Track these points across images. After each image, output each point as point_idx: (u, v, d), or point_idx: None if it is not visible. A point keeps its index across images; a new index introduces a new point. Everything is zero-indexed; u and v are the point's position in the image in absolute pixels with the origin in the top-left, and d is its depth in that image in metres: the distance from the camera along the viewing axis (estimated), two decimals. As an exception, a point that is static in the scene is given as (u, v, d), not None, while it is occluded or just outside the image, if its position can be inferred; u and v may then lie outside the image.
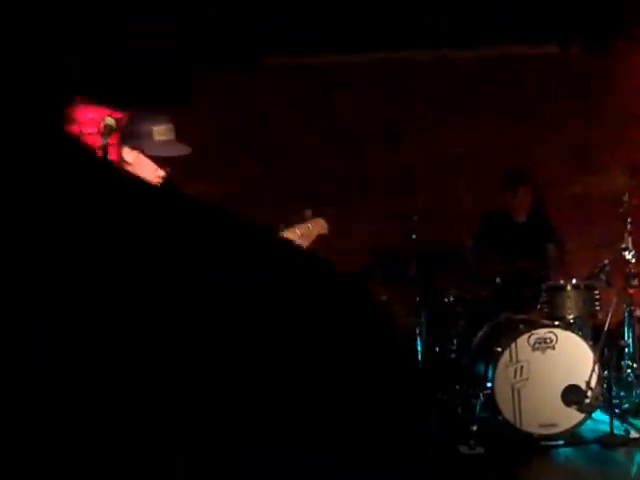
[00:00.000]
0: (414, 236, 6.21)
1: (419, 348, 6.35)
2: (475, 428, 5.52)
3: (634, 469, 5.14)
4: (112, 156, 3.68)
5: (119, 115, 3.70)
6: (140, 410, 1.56)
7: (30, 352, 1.52)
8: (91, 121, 7.11)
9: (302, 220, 3.87)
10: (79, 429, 1.53)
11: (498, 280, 6.35)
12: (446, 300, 6.43)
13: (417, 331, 6.33)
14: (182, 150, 3.68)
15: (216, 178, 6.73)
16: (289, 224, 3.82)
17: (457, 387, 6.17)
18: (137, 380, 1.55)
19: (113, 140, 3.67)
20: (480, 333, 6.17)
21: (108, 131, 3.65)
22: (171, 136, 3.67)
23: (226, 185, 6.75)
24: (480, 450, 5.43)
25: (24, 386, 1.52)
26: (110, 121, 3.67)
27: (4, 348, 1.50)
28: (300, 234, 3.83)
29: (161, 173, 3.71)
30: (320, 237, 3.87)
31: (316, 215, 3.95)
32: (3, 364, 1.51)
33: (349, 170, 7.25)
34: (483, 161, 7.28)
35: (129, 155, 3.66)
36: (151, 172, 3.65)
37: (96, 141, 3.68)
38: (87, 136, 7.08)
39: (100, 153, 3.62)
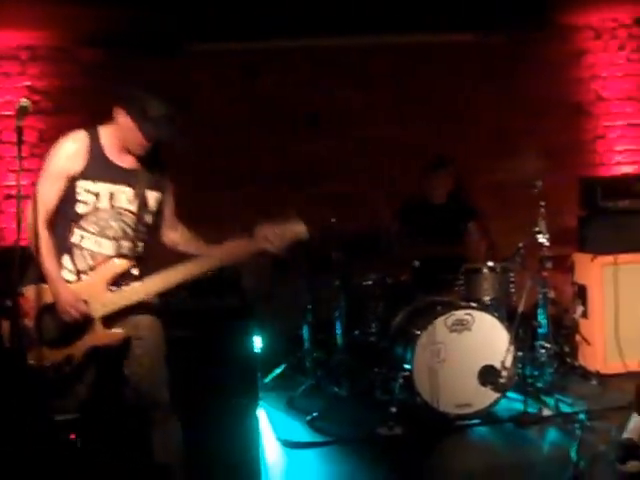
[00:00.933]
0: (333, 220, 6.26)
1: (338, 331, 6.41)
2: (394, 410, 5.59)
3: (546, 446, 5.26)
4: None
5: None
6: None
7: None
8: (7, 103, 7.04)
9: (284, 220, 3.86)
10: None
11: (417, 263, 6.44)
12: (365, 283, 6.49)
13: (336, 315, 6.40)
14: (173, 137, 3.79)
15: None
16: (269, 220, 3.81)
17: (376, 370, 6.24)
18: None
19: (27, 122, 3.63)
20: (399, 316, 6.24)
21: (22, 113, 3.60)
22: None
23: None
24: (398, 431, 5.50)
25: None
26: (25, 103, 3.62)
27: None
28: (276, 233, 3.82)
29: (144, 144, 3.81)
30: (296, 240, 3.87)
31: (298, 217, 3.93)
32: None
33: (270, 154, 7.25)
34: (404, 146, 7.34)
35: (121, 116, 3.78)
36: (135, 140, 3.79)
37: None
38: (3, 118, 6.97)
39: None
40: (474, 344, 5.78)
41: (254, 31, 6.88)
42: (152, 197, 3.96)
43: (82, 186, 3.79)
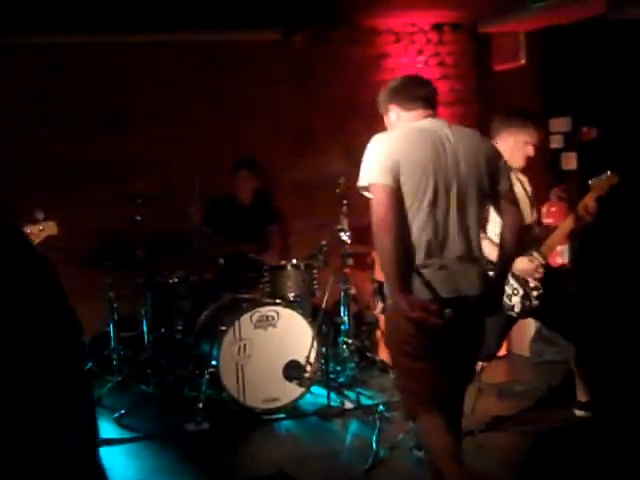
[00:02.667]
0: (139, 218, 6.23)
1: (145, 329, 6.38)
2: (201, 405, 5.64)
3: (349, 437, 5.44)
4: None
5: None
6: None
7: None
8: None
9: (34, 221, 3.81)
10: None
11: (221, 261, 6.51)
12: (171, 281, 6.50)
13: (142, 312, 6.37)
14: None
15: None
16: (20, 223, 3.73)
17: (183, 367, 6.27)
18: None
19: None
20: (204, 313, 6.30)
21: None
22: None
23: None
24: (206, 426, 5.56)
25: None
26: None
27: None
28: (30, 232, 3.77)
29: None
30: (49, 238, 3.84)
31: (47, 215, 3.91)
32: None
33: (76, 154, 7.08)
34: (210, 145, 7.35)
35: None
36: None
37: None
38: None
39: None
40: (279, 340, 5.91)
41: (56, 26, 6.66)
42: None
43: None
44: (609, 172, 4.93)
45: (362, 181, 3.76)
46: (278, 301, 6.05)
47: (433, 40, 8.12)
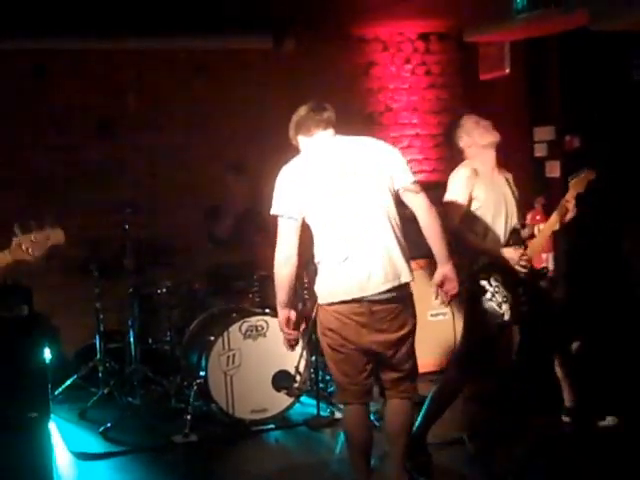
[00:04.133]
0: (127, 227, 6.19)
1: (131, 340, 6.33)
2: (189, 417, 5.61)
3: (338, 447, 5.40)
4: None
5: None
6: None
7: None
8: None
9: (41, 227, 3.73)
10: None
11: (212, 271, 6.47)
12: (159, 291, 6.45)
13: (129, 323, 6.32)
14: None
15: None
16: (26, 228, 3.68)
17: (171, 378, 6.22)
18: None
19: None
20: (193, 324, 6.25)
21: None
22: None
23: None
24: (194, 438, 5.53)
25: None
26: None
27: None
28: (34, 240, 3.70)
29: None
30: (54, 247, 3.76)
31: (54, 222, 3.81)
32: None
33: (62, 161, 7.04)
34: (200, 153, 7.31)
35: None
36: None
37: None
38: None
39: None
40: (268, 350, 5.86)
41: (42, 30, 6.61)
42: None
43: None
44: (586, 169, 5.13)
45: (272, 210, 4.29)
46: (267, 311, 6.02)
47: (420, 49, 8.17)
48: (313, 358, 6.01)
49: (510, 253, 4.87)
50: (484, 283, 4.84)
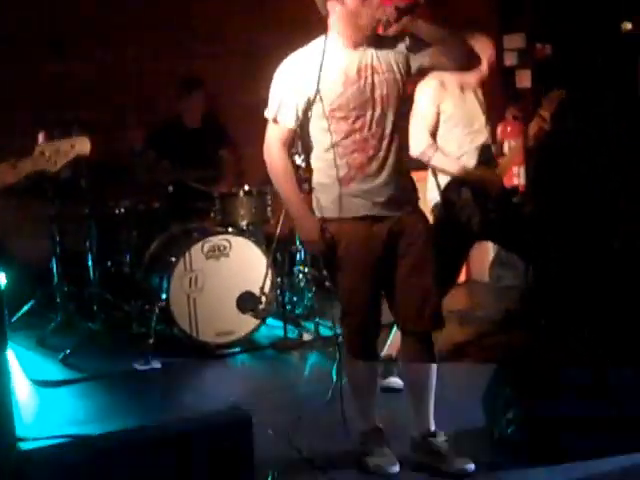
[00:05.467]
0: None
1: (90, 263, 6.10)
2: (151, 342, 5.45)
3: (308, 369, 5.30)
4: None
5: None
6: None
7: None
8: None
9: (68, 135, 3.45)
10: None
11: (170, 189, 6.23)
12: (117, 212, 6.19)
13: (87, 246, 6.08)
14: None
15: None
16: (50, 136, 3.41)
17: (132, 302, 6.03)
18: None
19: None
20: (153, 245, 6.03)
21: None
22: None
23: None
24: (157, 364, 5.37)
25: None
26: None
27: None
28: (58, 149, 3.41)
29: None
30: (79, 157, 3.46)
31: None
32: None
33: (12, 78, 6.69)
34: (150, 69, 7.01)
35: None
36: None
37: None
38: None
39: None
40: (232, 270, 5.70)
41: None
42: None
43: None
44: (558, 89, 5.13)
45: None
46: (230, 230, 5.82)
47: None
48: (279, 279, 5.84)
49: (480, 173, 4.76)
50: (454, 197, 4.72)
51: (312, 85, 3.56)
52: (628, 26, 6.84)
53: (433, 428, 3.84)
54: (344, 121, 3.56)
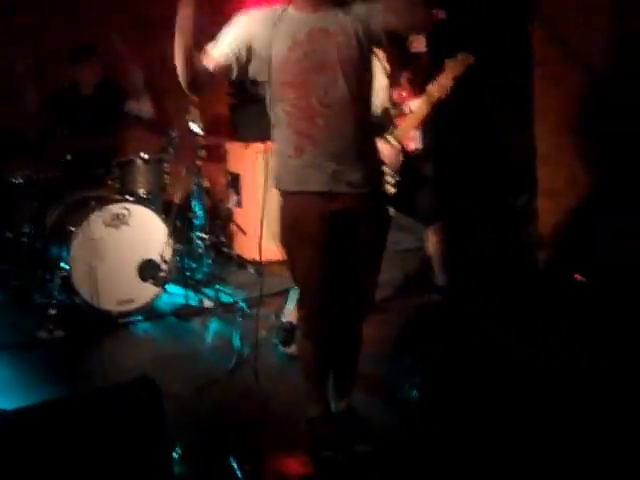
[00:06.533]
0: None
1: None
2: (53, 312, 5.43)
3: (210, 336, 5.36)
4: None
5: None
6: None
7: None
8: None
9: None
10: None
11: (68, 157, 6.17)
12: (14, 181, 6.10)
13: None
14: None
15: None
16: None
17: (32, 272, 5.98)
18: None
19: None
20: (52, 214, 5.99)
21: None
22: None
23: None
24: (60, 334, 5.36)
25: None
26: None
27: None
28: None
29: None
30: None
31: None
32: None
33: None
34: (49, 35, 6.86)
35: None
36: None
37: None
38: None
39: None
40: (132, 238, 5.72)
41: None
42: None
43: None
44: (464, 53, 4.94)
45: None
46: (129, 198, 5.82)
47: None
48: (178, 246, 5.88)
49: (386, 150, 4.84)
50: None
51: (258, 41, 3.30)
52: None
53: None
54: (290, 87, 3.31)
